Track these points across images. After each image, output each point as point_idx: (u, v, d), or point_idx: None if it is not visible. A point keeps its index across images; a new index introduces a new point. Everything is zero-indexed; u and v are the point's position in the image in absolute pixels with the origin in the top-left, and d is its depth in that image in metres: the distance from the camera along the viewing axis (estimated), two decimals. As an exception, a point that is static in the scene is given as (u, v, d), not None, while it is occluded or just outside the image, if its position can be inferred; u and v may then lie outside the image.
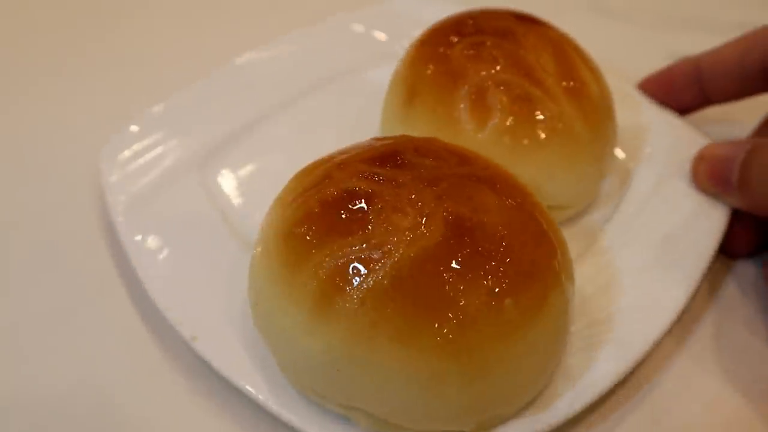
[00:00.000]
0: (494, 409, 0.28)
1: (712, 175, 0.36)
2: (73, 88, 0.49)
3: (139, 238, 0.35)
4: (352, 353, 0.26)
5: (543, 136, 0.35)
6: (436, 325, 0.26)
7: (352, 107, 0.45)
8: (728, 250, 0.37)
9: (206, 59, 0.47)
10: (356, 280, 0.26)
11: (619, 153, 0.41)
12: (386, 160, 0.29)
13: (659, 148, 0.40)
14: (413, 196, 0.28)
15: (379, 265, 0.26)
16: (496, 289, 0.26)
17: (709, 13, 0.44)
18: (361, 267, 0.26)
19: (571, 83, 0.36)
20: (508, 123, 0.35)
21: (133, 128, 0.40)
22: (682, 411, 0.32)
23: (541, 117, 0.35)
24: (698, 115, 0.43)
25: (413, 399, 0.26)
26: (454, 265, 0.26)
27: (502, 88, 0.35)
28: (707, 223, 0.36)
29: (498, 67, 0.36)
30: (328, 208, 0.28)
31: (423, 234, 0.27)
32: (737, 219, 0.37)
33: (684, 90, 0.42)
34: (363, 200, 0.28)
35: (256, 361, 0.31)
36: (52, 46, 0.53)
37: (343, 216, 0.27)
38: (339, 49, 0.48)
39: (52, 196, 0.41)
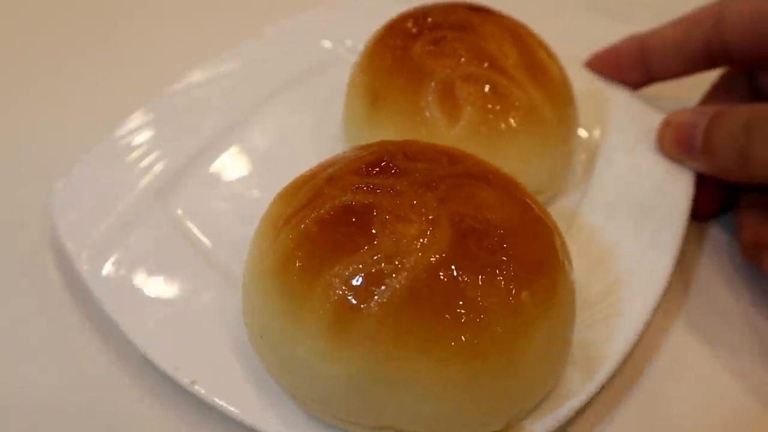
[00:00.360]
0: (521, 403, 0.28)
1: (677, 141, 0.38)
2: (72, 88, 0.48)
3: (108, 286, 0.33)
4: (378, 373, 0.25)
5: (515, 124, 0.35)
6: (461, 330, 0.25)
7: (307, 118, 0.43)
8: (694, 213, 0.39)
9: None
10: (372, 297, 0.25)
11: (582, 132, 0.41)
12: (378, 169, 0.28)
13: (619, 124, 0.41)
14: (415, 203, 0.27)
15: (394, 277, 0.25)
16: (512, 285, 0.26)
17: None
18: (375, 282, 0.25)
19: (534, 69, 0.36)
20: (478, 115, 0.35)
21: (85, 164, 0.37)
22: (680, 394, 0.33)
23: (510, 106, 0.35)
24: (642, 92, 0.44)
25: (446, 407, 0.26)
26: (468, 266, 0.26)
27: (468, 80, 0.35)
28: (677, 188, 0.37)
29: (462, 60, 0.35)
30: (327, 226, 0.27)
31: (433, 240, 0.26)
32: (701, 183, 0.38)
33: (629, 68, 0.43)
34: (364, 214, 0.26)
35: (262, 396, 0.29)
36: (49, 46, 0.51)
37: (346, 233, 0.26)
38: (280, 61, 0.46)
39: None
